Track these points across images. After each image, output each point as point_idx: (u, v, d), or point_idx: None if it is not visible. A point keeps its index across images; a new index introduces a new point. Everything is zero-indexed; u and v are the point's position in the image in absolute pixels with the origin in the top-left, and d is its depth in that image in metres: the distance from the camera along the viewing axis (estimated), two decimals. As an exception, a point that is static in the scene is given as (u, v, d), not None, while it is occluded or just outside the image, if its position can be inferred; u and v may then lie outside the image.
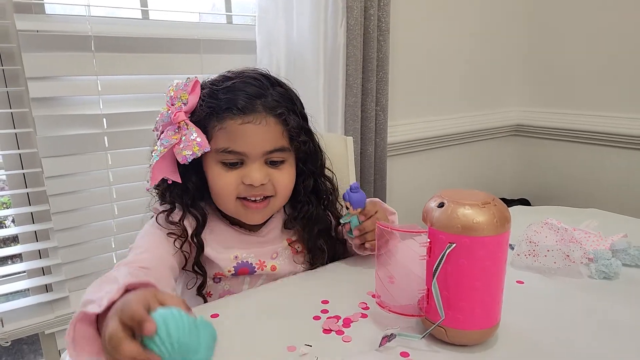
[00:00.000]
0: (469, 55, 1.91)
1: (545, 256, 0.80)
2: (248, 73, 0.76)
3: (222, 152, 0.72)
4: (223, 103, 0.72)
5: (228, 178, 0.73)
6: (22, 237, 1.18)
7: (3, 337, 1.15)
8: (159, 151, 0.70)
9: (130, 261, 0.67)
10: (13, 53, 1.07)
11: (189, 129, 0.70)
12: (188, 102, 0.71)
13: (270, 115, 0.73)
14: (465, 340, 0.60)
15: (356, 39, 1.37)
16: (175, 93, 0.72)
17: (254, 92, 0.73)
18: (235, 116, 0.71)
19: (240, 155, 0.73)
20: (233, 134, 0.71)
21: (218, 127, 0.72)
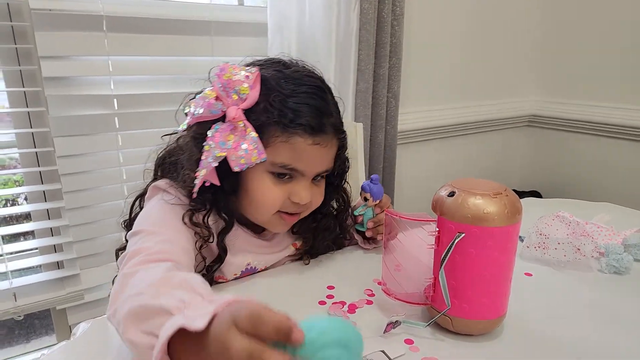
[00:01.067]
0: (484, 43, 1.88)
1: (555, 249, 0.79)
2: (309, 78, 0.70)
3: (279, 166, 0.67)
4: (295, 117, 0.65)
5: (276, 192, 0.68)
6: (35, 214, 1.20)
7: (16, 311, 1.18)
8: (214, 154, 0.62)
9: (158, 251, 0.58)
10: (26, 31, 1.07)
11: (248, 134, 0.63)
12: (247, 99, 0.63)
13: (335, 138, 0.71)
14: (470, 330, 0.60)
15: (369, 23, 1.35)
16: (232, 81, 0.62)
17: (322, 108, 0.67)
18: (307, 136, 0.66)
19: (296, 172, 0.68)
20: (299, 152, 0.66)
21: (282, 139, 0.65)
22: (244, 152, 0.62)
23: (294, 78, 0.68)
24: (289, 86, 0.66)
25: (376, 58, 1.42)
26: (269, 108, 0.65)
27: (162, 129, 1.23)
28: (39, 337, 1.50)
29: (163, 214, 0.67)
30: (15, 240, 1.22)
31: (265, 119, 0.65)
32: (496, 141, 2.06)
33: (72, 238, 1.19)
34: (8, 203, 1.31)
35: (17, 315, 1.18)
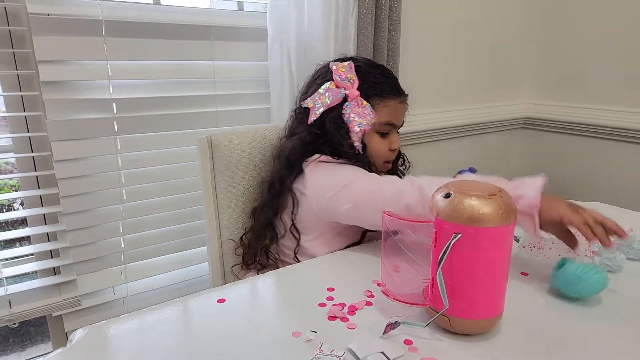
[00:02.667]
0: (480, 47, 1.90)
1: (550, 249, 0.81)
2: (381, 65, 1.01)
3: (384, 124, 0.95)
4: (386, 86, 0.94)
5: (383, 145, 0.97)
6: (31, 219, 1.20)
7: (11, 318, 1.17)
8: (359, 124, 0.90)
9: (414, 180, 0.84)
10: (24, 36, 1.07)
11: (365, 105, 0.91)
12: (354, 82, 0.91)
13: (406, 99, 1.00)
14: (468, 329, 0.60)
15: (367, 28, 1.36)
16: (345, 73, 0.91)
17: (396, 80, 0.98)
18: (396, 97, 0.96)
19: (393, 126, 0.97)
20: (393, 110, 0.95)
21: (381, 104, 0.94)
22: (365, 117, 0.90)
23: (372, 65, 0.99)
24: (372, 69, 0.96)
25: (373, 63, 1.43)
26: (370, 85, 0.93)
27: (161, 133, 1.25)
28: (34, 344, 1.48)
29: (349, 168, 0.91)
30: (10, 246, 1.21)
31: (370, 92, 0.93)
32: (492, 143, 2.08)
33: (69, 243, 1.19)
34: (4, 208, 1.30)
35: (12, 322, 1.17)
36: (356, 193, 0.84)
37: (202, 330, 0.65)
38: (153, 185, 1.27)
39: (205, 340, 0.62)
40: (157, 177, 1.27)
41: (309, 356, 0.56)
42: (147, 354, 0.58)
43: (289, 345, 0.59)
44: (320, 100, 0.91)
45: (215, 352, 0.59)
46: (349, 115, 0.90)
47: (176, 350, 0.59)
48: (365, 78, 0.93)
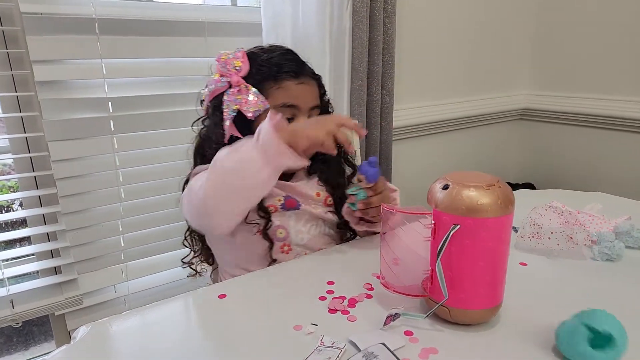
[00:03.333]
0: (476, 38, 1.89)
1: (548, 238, 0.81)
2: (281, 48, 0.93)
3: (280, 107, 0.86)
4: (279, 68, 0.87)
5: None
6: (31, 220, 1.20)
7: (14, 318, 1.17)
8: (231, 108, 0.84)
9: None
10: (17, 36, 1.07)
11: (250, 90, 0.84)
12: (242, 69, 0.85)
13: (313, 79, 0.91)
14: (468, 319, 0.61)
15: (362, 21, 1.36)
16: (227, 61, 0.85)
17: (298, 60, 0.90)
18: (292, 78, 0.87)
19: (294, 109, 0.87)
20: (291, 91, 0.87)
21: (276, 87, 0.86)
22: (252, 104, 0.83)
23: (270, 49, 0.92)
24: (268, 53, 0.89)
25: (369, 56, 1.43)
26: (259, 69, 0.86)
27: (157, 131, 1.24)
28: (37, 343, 1.49)
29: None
30: (11, 246, 1.22)
31: (259, 77, 0.86)
32: (490, 135, 2.08)
33: (69, 243, 1.19)
34: (3, 209, 1.30)
35: (15, 322, 1.18)
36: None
37: (203, 326, 0.65)
38: (151, 184, 1.27)
39: (207, 335, 0.62)
40: (154, 175, 1.27)
41: (311, 349, 0.56)
42: (149, 350, 0.58)
43: (291, 338, 0.59)
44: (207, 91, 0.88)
45: (217, 346, 0.59)
46: (225, 103, 0.85)
47: (178, 345, 0.59)
48: (256, 63, 0.87)
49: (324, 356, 0.55)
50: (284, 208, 0.88)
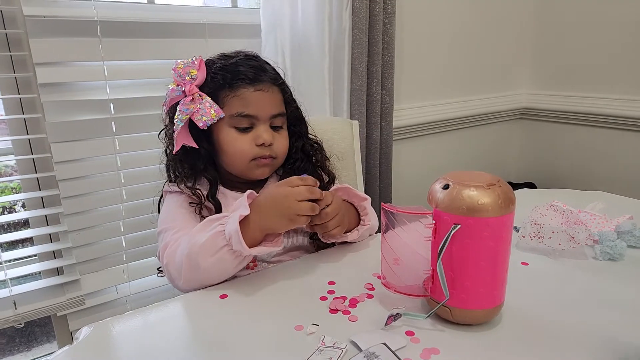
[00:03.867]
0: (476, 38, 1.89)
1: (550, 238, 0.81)
2: (245, 53, 0.88)
3: (236, 116, 0.82)
4: (234, 75, 0.82)
5: (243, 141, 0.83)
6: (33, 221, 1.20)
7: (16, 319, 1.18)
8: (180, 119, 0.80)
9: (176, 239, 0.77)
10: (20, 39, 1.07)
11: (203, 99, 0.80)
12: (197, 77, 0.81)
13: (274, 84, 0.86)
14: (469, 319, 0.61)
15: (361, 22, 1.36)
16: (183, 70, 0.81)
17: (258, 66, 0.85)
18: (248, 85, 0.82)
19: (252, 118, 0.83)
20: (246, 99, 0.82)
21: (231, 95, 0.82)
22: (203, 112, 0.80)
23: (231, 56, 0.87)
24: (227, 60, 0.85)
25: (369, 56, 1.43)
26: (214, 77, 0.82)
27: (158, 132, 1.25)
28: (40, 344, 1.49)
29: (172, 209, 0.84)
30: (13, 247, 1.22)
31: (213, 85, 0.82)
32: (490, 134, 2.08)
33: (71, 243, 1.19)
34: (5, 211, 1.31)
35: (17, 323, 1.18)
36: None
37: (205, 326, 0.65)
38: (152, 185, 1.27)
39: (209, 335, 0.62)
40: (156, 176, 1.27)
41: (312, 349, 0.56)
42: (152, 350, 0.59)
43: (292, 338, 0.59)
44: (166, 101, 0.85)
45: (219, 347, 0.59)
46: (177, 111, 0.81)
47: (180, 346, 0.59)
48: (212, 71, 0.83)
49: (326, 356, 0.55)
50: None
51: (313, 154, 0.94)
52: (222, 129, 0.83)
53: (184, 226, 0.79)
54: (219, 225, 0.70)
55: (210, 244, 0.69)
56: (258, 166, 0.85)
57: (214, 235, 0.70)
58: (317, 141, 0.97)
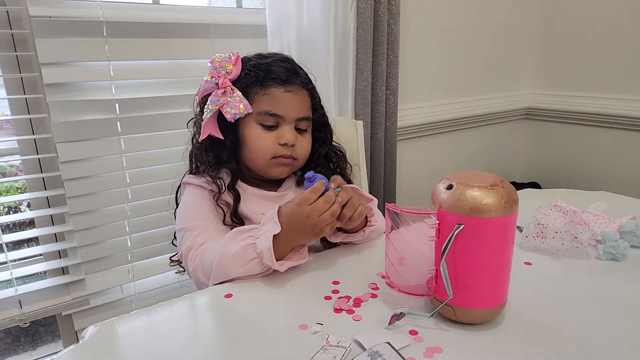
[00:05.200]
0: (481, 38, 1.89)
1: (553, 238, 0.81)
2: (280, 55, 0.91)
3: (263, 114, 0.85)
4: (267, 74, 0.85)
5: (267, 138, 0.86)
6: (38, 220, 1.21)
7: (22, 318, 1.18)
8: (210, 109, 0.83)
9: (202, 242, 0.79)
10: (26, 39, 1.08)
11: (234, 93, 0.83)
12: (232, 72, 0.84)
13: (304, 88, 0.88)
14: (472, 318, 0.61)
15: (366, 22, 1.36)
16: (219, 63, 0.84)
17: (291, 69, 0.88)
18: (279, 85, 0.85)
19: (278, 118, 0.86)
20: (276, 99, 0.85)
21: (261, 93, 0.85)
22: (232, 106, 0.82)
23: (267, 56, 0.89)
24: (262, 59, 0.88)
25: (374, 56, 1.44)
26: (247, 74, 0.85)
27: (164, 132, 1.26)
28: (45, 344, 1.50)
29: (192, 205, 0.86)
30: (19, 247, 1.23)
31: (246, 82, 0.85)
32: (495, 135, 2.07)
33: (77, 243, 1.20)
34: (11, 210, 1.31)
35: (22, 322, 1.19)
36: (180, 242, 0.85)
37: (210, 325, 0.66)
38: (158, 184, 1.28)
39: (214, 335, 0.63)
40: (161, 176, 1.28)
41: (316, 348, 0.57)
42: (157, 350, 0.59)
43: (296, 337, 0.60)
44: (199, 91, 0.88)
45: (224, 346, 0.60)
46: (208, 102, 0.84)
47: (185, 345, 0.60)
48: (247, 67, 0.86)
49: (330, 355, 0.55)
50: None
51: (335, 162, 0.97)
52: (248, 124, 0.86)
53: (206, 227, 0.83)
54: (249, 237, 0.74)
55: (241, 255, 0.73)
56: (278, 165, 0.88)
57: (245, 247, 0.73)
58: (340, 149, 0.99)
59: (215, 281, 0.75)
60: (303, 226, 0.73)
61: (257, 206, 0.88)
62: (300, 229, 0.73)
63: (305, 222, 0.73)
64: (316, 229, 0.73)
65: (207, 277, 0.76)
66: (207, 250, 0.78)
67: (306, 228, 0.73)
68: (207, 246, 0.78)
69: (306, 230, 0.73)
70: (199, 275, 0.78)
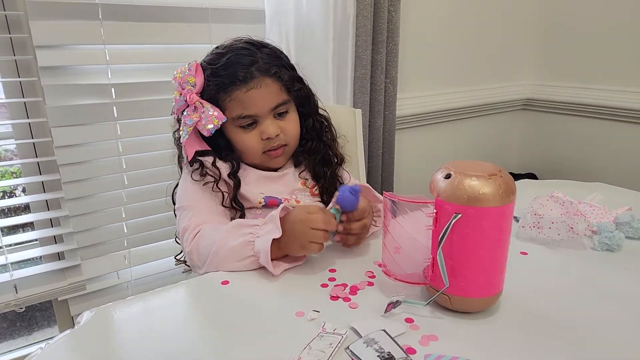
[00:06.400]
0: (480, 27, 1.88)
1: (549, 228, 0.81)
2: (236, 45, 0.87)
3: (237, 118, 0.84)
4: (226, 79, 0.83)
5: (251, 138, 0.86)
6: (33, 205, 1.20)
7: (17, 303, 1.19)
8: (185, 131, 0.83)
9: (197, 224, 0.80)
10: (20, 21, 1.06)
11: (205, 107, 0.82)
12: (196, 85, 0.83)
13: (266, 76, 0.84)
14: (468, 307, 0.61)
15: (366, 9, 1.35)
16: (182, 78, 0.83)
17: (247, 62, 0.83)
18: (239, 87, 0.82)
19: (253, 117, 0.85)
20: (242, 101, 0.83)
21: (228, 99, 0.84)
22: (206, 121, 0.82)
23: (222, 53, 0.86)
24: (218, 60, 0.85)
25: (373, 44, 1.42)
26: (209, 83, 0.84)
27: (160, 117, 1.25)
28: (40, 328, 1.50)
29: (188, 185, 0.87)
30: (14, 232, 1.22)
31: (212, 91, 0.84)
32: (493, 125, 2.07)
33: (72, 228, 1.20)
34: (6, 195, 1.31)
35: (18, 307, 1.19)
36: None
37: (206, 312, 0.66)
38: (154, 170, 1.27)
39: (210, 321, 0.63)
40: (157, 162, 1.27)
41: (312, 335, 0.57)
42: (153, 335, 0.59)
43: (293, 324, 0.60)
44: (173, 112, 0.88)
45: (220, 333, 0.60)
46: (182, 123, 0.84)
47: (181, 331, 0.60)
48: (210, 77, 0.84)
49: (326, 342, 0.55)
50: (266, 206, 0.88)
51: (323, 133, 0.96)
52: (229, 129, 0.87)
53: (201, 207, 0.84)
54: (249, 234, 0.73)
55: (238, 251, 0.73)
56: (271, 158, 0.89)
57: (243, 244, 0.73)
58: (326, 118, 0.97)
59: (210, 269, 0.75)
60: (293, 231, 0.72)
61: (256, 186, 0.88)
62: (291, 234, 0.72)
63: (296, 227, 0.72)
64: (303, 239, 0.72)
65: (202, 263, 0.76)
66: (204, 235, 0.78)
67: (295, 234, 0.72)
68: (205, 231, 0.79)
69: (295, 236, 0.72)
70: (193, 259, 0.79)
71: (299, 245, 0.72)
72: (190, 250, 0.79)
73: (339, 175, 0.97)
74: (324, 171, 0.93)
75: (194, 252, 0.78)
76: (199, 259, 0.77)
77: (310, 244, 0.71)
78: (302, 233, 0.71)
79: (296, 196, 0.91)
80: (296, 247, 0.73)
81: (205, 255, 0.76)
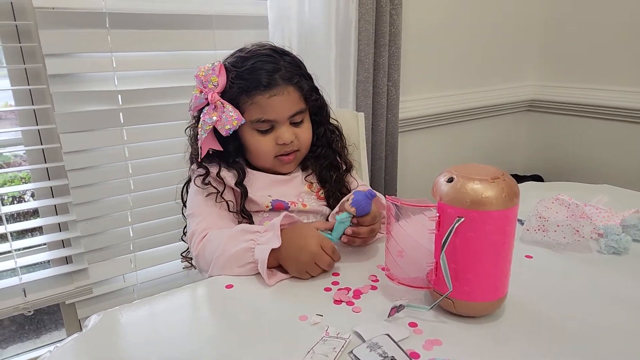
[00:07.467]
0: (483, 29, 1.87)
1: (554, 231, 0.81)
2: (261, 51, 0.89)
3: (256, 122, 0.87)
4: (250, 83, 0.85)
5: (265, 142, 0.88)
6: (42, 210, 1.22)
7: (26, 306, 1.20)
8: (204, 129, 0.84)
9: (204, 228, 0.83)
10: (30, 30, 1.08)
11: (225, 107, 0.84)
12: (219, 85, 0.84)
13: (289, 85, 0.87)
14: (472, 311, 0.61)
15: (368, 13, 1.35)
16: (205, 77, 0.84)
17: (271, 69, 0.86)
18: (262, 92, 0.85)
19: (271, 122, 0.87)
20: (263, 106, 0.86)
21: (249, 102, 0.86)
22: (225, 121, 0.83)
23: (246, 57, 0.88)
24: (242, 64, 0.87)
25: (376, 47, 1.43)
26: (232, 84, 0.85)
27: (166, 123, 1.26)
28: (48, 332, 1.51)
29: (197, 196, 0.89)
30: (23, 236, 1.24)
31: (234, 92, 0.85)
32: (497, 127, 2.06)
33: (80, 233, 1.21)
34: (15, 200, 1.32)
35: (27, 310, 1.20)
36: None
37: (211, 315, 0.66)
38: (160, 175, 1.29)
39: (215, 324, 0.63)
40: (163, 166, 1.28)
41: (316, 339, 0.57)
42: (159, 339, 0.60)
43: (296, 328, 0.60)
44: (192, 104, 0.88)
45: (224, 336, 0.60)
46: (201, 120, 0.85)
47: (187, 334, 0.60)
48: (230, 78, 0.86)
49: (329, 346, 0.56)
50: (273, 210, 0.90)
51: (333, 141, 0.98)
52: (245, 131, 0.89)
53: (210, 213, 0.86)
54: (250, 241, 0.75)
55: (239, 257, 0.75)
56: (282, 163, 0.92)
57: (244, 250, 0.75)
58: (337, 127, 1.00)
59: (214, 273, 0.77)
60: (298, 255, 0.73)
61: (264, 189, 0.90)
62: (293, 255, 0.74)
63: (301, 254, 0.73)
64: (301, 268, 0.73)
65: (208, 266, 0.78)
66: (210, 240, 0.80)
67: (298, 258, 0.73)
68: (211, 236, 0.81)
69: (297, 259, 0.73)
70: (200, 262, 0.81)
71: (297, 270, 0.74)
72: (197, 255, 0.81)
73: (347, 182, 0.99)
74: (329, 175, 0.95)
75: (200, 256, 0.81)
76: (205, 263, 0.79)
77: (306, 273, 0.73)
78: (304, 264, 0.73)
79: (303, 199, 0.93)
80: (293, 269, 0.74)
81: (209, 259, 0.78)
